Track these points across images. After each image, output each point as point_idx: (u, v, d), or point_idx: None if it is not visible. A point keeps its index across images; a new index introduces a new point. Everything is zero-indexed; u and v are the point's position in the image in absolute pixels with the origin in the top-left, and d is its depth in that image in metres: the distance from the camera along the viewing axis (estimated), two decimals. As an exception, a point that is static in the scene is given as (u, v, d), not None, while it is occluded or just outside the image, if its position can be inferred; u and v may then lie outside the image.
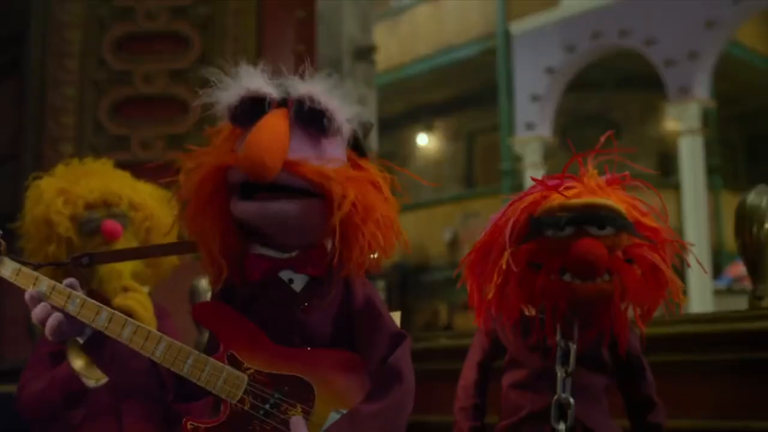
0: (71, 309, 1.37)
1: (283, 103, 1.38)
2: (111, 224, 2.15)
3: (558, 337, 1.60)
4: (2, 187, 3.93)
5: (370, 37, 5.26)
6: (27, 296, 1.38)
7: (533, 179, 1.67)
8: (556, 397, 1.59)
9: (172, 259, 2.29)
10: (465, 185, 13.63)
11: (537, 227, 1.58)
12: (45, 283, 1.38)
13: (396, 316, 1.90)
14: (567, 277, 1.53)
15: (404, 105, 12.82)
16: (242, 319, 1.40)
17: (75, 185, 2.20)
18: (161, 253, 1.72)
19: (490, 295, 1.59)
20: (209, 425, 1.35)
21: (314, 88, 1.36)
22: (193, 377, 1.36)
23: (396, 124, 12.65)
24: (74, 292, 1.38)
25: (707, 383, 1.93)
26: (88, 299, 1.38)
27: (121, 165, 2.37)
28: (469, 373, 1.78)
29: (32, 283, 1.39)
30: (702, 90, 9.97)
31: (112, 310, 1.38)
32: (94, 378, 2.02)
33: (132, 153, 3.82)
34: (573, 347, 1.59)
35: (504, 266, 1.56)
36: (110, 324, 1.37)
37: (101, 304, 1.39)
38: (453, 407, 1.83)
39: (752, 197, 2.07)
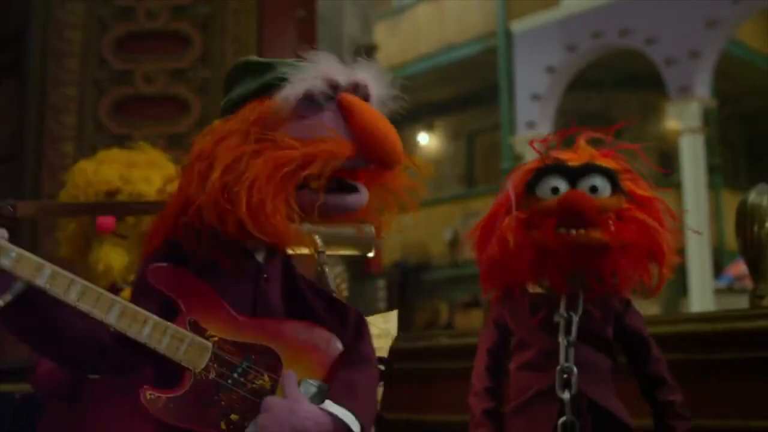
0: (6, 264, 1.20)
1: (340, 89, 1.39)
2: (103, 218, 2.17)
3: (562, 308, 1.65)
4: (2, 187, 3.93)
5: (370, 36, 5.27)
6: None
7: (531, 143, 1.76)
8: (559, 366, 1.62)
9: None
10: (465, 185, 13.61)
11: (532, 191, 1.66)
12: None
13: (393, 316, 1.91)
14: (562, 230, 1.60)
15: (404, 104, 12.77)
16: (203, 285, 1.32)
17: (103, 170, 2.25)
18: (105, 211, 1.67)
19: (493, 251, 1.66)
20: (171, 395, 1.25)
21: (362, 74, 1.43)
22: (151, 343, 1.25)
23: (396, 123, 12.61)
24: (8, 243, 1.21)
25: (707, 383, 1.92)
26: (26, 253, 1.21)
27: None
28: (480, 361, 1.79)
29: None
30: (702, 89, 9.97)
31: (57, 267, 1.22)
32: None
33: (133, 152, 3.82)
34: (575, 318, 1.64)
35: (506, 229, 1.64)
36: (54, 281, 1.20)
37: (43, 260, 1.22)
38: (454, 406, 1.83)
39: (753, 196, 2.07)
